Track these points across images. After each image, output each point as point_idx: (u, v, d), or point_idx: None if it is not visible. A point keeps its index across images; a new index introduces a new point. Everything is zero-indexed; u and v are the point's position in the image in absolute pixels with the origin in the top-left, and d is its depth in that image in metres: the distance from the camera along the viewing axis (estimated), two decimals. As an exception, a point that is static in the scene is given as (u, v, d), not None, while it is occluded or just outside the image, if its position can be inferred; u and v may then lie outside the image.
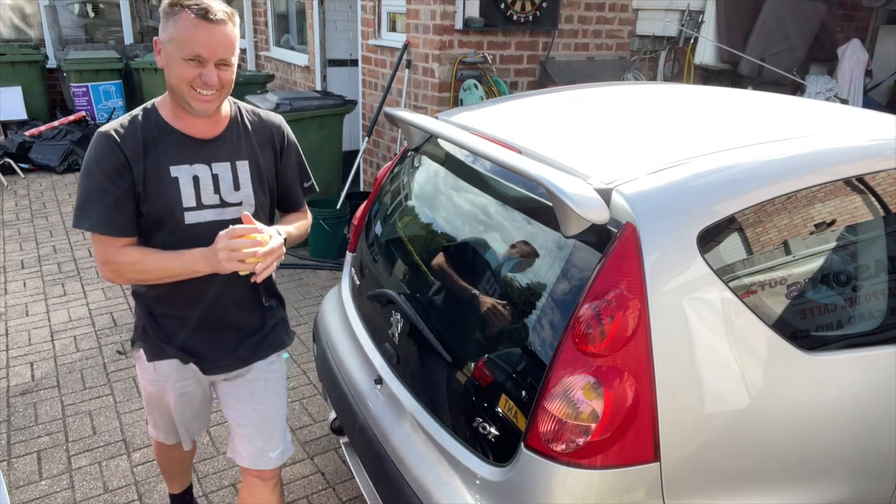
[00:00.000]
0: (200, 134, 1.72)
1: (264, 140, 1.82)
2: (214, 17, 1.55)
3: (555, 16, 4.79)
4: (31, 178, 6.66)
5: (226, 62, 1.60)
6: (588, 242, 1.52)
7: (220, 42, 1.57)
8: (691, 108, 2.21)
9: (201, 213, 1.71)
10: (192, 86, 1.59)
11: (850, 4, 5.71)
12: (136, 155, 1.64)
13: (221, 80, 1.60)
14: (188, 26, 1.54)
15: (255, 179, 1.78)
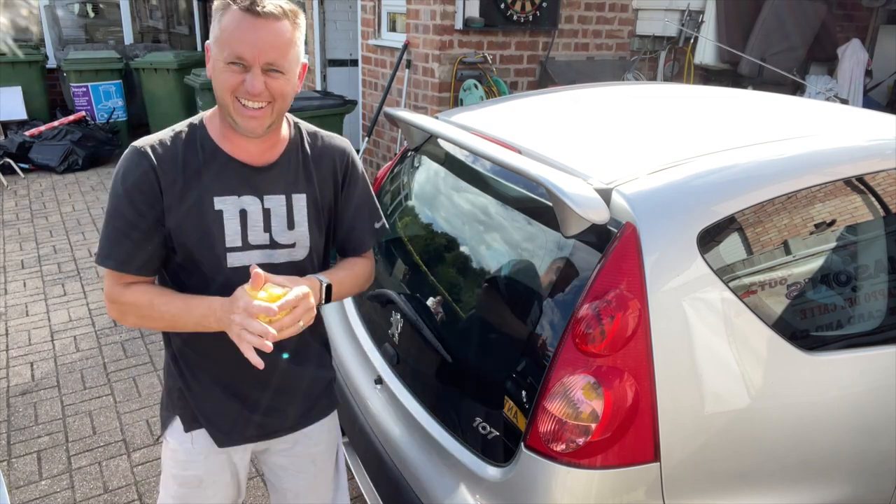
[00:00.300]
0: (252, 159, 1.41)
1: (325, 169, 1.50)
2: (262, 9, 1.25)
3: (555, 16, 4.79)
4: (31, 178, 6.66)
5: (276, 67, 1.29)
6: (588, 242, 1.52)
7: (268, 41, 1.26)
8: (691, 108, 2.21)
9: (247, 254, 1.42)
10: (235, 96, 1.30)
11: (850, 4, 5.71)
12: (173, 180, 1.36)
13: (270, 89, 1.30)
14: (232, 22, 1.27)
15: (313, 216, 1.48)
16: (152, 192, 1.35)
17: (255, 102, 1.30)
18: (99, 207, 5.88)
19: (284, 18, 1.29)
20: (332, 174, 1.51)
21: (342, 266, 1.55)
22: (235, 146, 1.40)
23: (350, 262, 1.58)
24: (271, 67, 1.29)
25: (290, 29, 1.30)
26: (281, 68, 1.30)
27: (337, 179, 1.52)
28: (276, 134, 1.43)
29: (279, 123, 1.40)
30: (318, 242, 1.51)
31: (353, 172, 1.55)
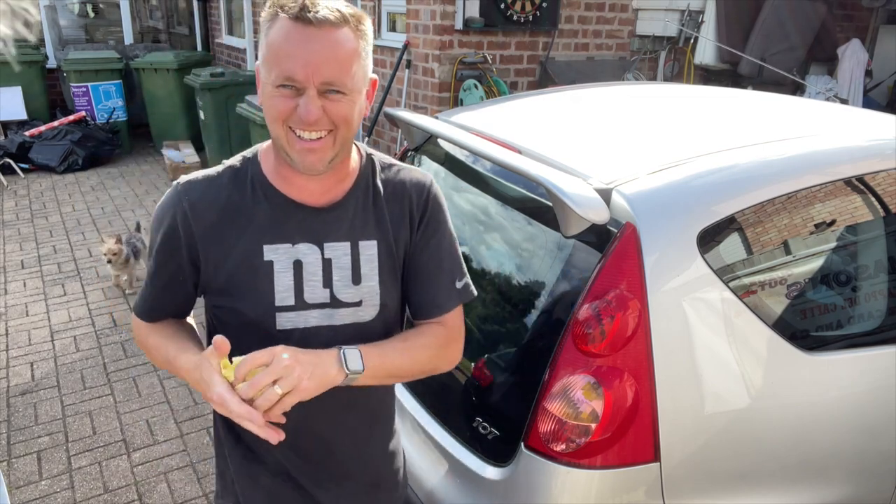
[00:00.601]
0: (311, 199, 1.17)
1: (399, 208, 1.22)
2: (315, 15, 1.01)
3: (555, 16, 4.79)
4: (31, 178, 6.66)
5: (336, 87, 1.04)
6: (588, 242, 1.52)
7: (324, 55, 1.02)
8: (691, 108, 2.21)
9: (302, 315, 1.17)
10: (288, 126, 1.06)
11: (850, 4, 5.71)
12: (212, 224, 1.15)
13: (330, 115, 1.05)
14: (279, 35, 1.03)
15: (385, 268, 1.21)
16: (177, 238, 1.15)
17: (312, 132, 1.06)
18: (99, 207, 5.88)
19: (344, 25, 1.04)
20: (408, 213, 1.22)
21: (400, 335, 1.24)
22: (291, 184, 1.16)
23: (415, 330, 1.25)
24: (330, 87, 1.04)
25: (351, 38, 1.05)
26: (342, 87, 1.04)
27: (413, 219, 1.22)
28: (342, 168, 1.17)
29: (345, 155, 1.14)
30: (392, 300, 1.23)
31: (433, 213, 1.24)
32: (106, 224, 5.50)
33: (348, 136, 1.11)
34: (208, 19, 9.51)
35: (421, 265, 1.24)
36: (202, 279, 1.18)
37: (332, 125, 1.07)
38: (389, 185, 1.23)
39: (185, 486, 2.65)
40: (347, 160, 1.18)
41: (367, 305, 1.20)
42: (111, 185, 6.57)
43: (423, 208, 1.24)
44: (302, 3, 1.02)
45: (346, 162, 1.18)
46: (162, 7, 10.25)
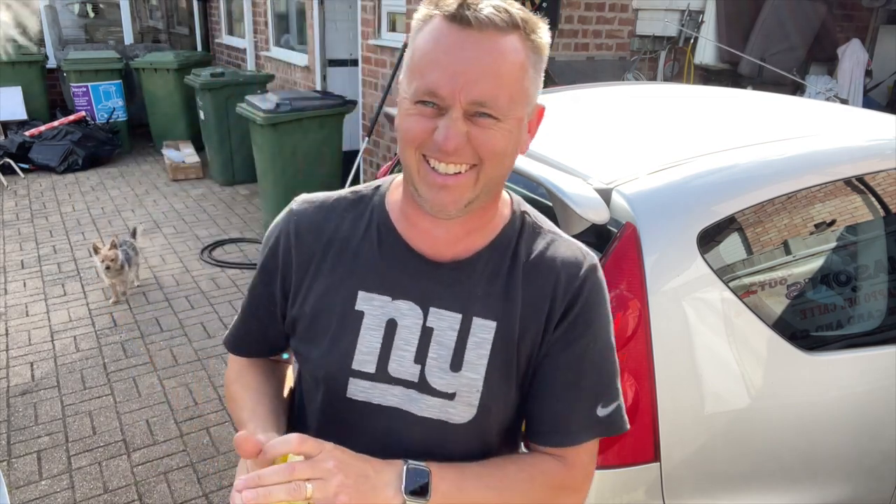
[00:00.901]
0: (431, 249, 0.95)
1: (540, 290, 0.94)
2: (477, 15, 0.80)
3: (555, 16, 4.79)
4: (31, 178, 6.66)
5: (488, 109, 0.81)
6: (588, 242, 1.51)
7: (479, 66, 0.80)
8: (691, 109, 2.21)
9: (380, 389, 0.94)
10: (421, 153, 0.86)
11: (850, 4, 5.71)
12: (312, 255, 0.98)
13: (476, 144, 0.83)
14: (430, 39, 0.83)
15: (499, 361, 0.93)
16: (275, 262, 1.01)
17: (450, 164, 0.84)
18: (99, 207, 5.88)
19: (512, 31, 0.82)
20: (549, 299, 0.93)
21: (497, 459, 0.94)
22: (414, 228, 0.95)
23: (522, 458, 0.96)
24: (480, 110, 0.81)
25: (519, 48, 0.82)
26: (496, 110, 0.82)
27: (554, 309, 0.93)
28: (480, 217, 0.93)
29: (487, 200, 0.91)
30: (498, 407, 0.95)
31: (586, 307, 0.93)
32: (106, 224, 5.50)
33: (496, 175, 0.87)
34: (208, 19, 9.51)
35: (552, 373, 0.94)
36: (288, 314, 1.01)
37: (477, 158, 0.84)
38: (536, 254, 0.95)
39: (185, 486, 2.65)
40: (491, 209, 0.94)
41: (460, 403, 0.93)
42: (111, 185, 6.57)
43: (573, 298, 0.93)
44: (464, 1, 0.81)
45: (488, 210, 0.94)
46: (162, 7, 10.25)
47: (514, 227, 0.98)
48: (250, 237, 5.30)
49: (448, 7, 0.82)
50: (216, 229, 5.46)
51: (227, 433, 2.96)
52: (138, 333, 3.79)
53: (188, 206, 6.04)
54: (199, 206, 6.02)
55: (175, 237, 5.27)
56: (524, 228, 0.98)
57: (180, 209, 5.93)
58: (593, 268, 0.96)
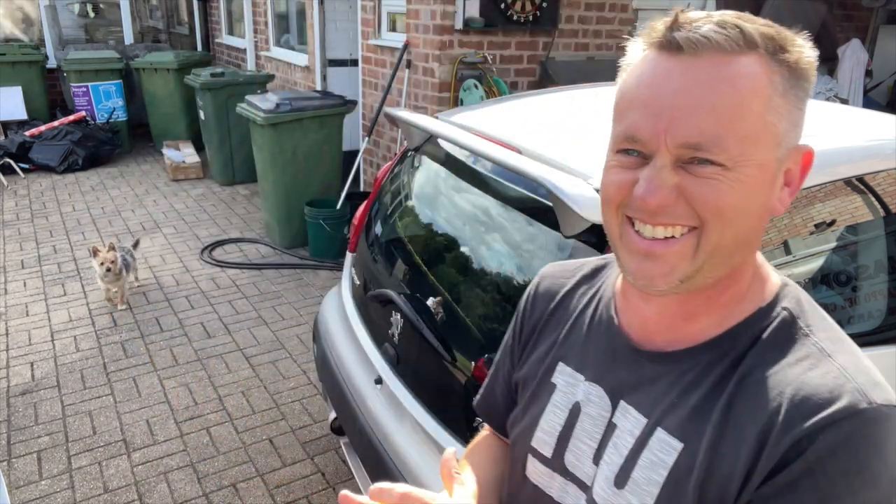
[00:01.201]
0: (640, 330, 0.78)
1: (753, 418, 0.65)
2: (689, 37, 0.64)
3: (555, 16, 4.79)
4: (31, 178, 6.66)
5: (705, 152, 0.63)
6: (588, 242, 1.52)
7: (690, 97, 0.63)
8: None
9: (557, 481, 0.82)
10: (624, 213, 0.70)
11: (850, 4, 5.71)
12: (541, 318, 0.91)
13: (693, 199, 0.64)
14: (633, 76, 0.70)
15: (675, 492, 0.68)
16: (517, 320, 0.96)
17: (657, 227, 0.67)
18: (99, 207, 5.88)
19: (743, 52, 0.64)
20: (761, 436, 0.64)
21: None
22: (627, 303, 0.80)
23: None
24: (697, 154, 0.63)
25: (755, 72, 0.64)
26: (718, 154, 0.63)
27: (768, 453, 0.63)
28: (710, 298, 0.72)
29: (719, 275, 0.69)
30: None
31: (822, 465, 0.61)
32: (106, 224, 5.51)
33: (726, 242, 0.66)
34: (208, 19, 9.51)
35: None
36: (513, 379, 0.93)
37: (697, 219, 0.65)
38: (772, 371, 0.67)
39: (185, 486, 2.65)
40: (728, 289, 0.71)
41: None
42: (111, 185, 6.57)
43: (800, 446, 0.62)
44: (673, 19, 0.65)
45: (722, 291, 0.71)
46: (162, 7, 10.25)
47: (760, 324, 0.71)
48: (250, 237, 5.31)
49: (657, 34, 0.66)
50: (216, 229, 5.46)
51: (227, 433, 2.96)
52: (138, 333, 3.79)
53: (188, 206, 6.04)
54: (199, 206, 6.02)
55: (175, 237, 5.27)
56: (776, 328, 0.71)
57: (180, 209, 5.93)
58: (851, 415, 0.62)
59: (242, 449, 2.87)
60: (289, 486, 2.67)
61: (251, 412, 3.12)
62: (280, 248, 5.10)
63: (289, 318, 4.02)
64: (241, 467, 2.76)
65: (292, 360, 3.56)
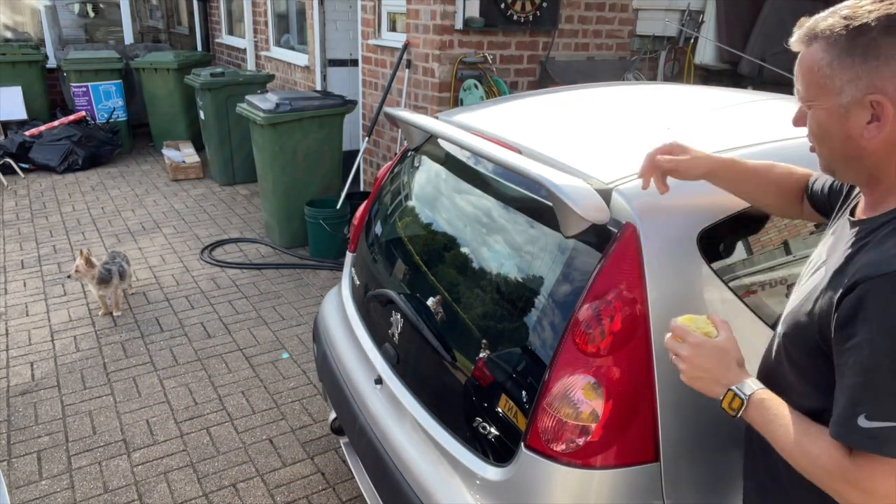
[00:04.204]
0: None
1: (841, 274, 1.01)
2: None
3: (555, 16, 4.79)
4: (31, 178, 6.66)
5: (805, 98, 1.10)
6: (588, 242, 1.52)
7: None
8: (691, 108, 2.21)
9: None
10: None
11: (850, 4, 5.71)
12: None
13: (812, 129, 1.09)
14: None
15: (805, 315, 1.08)
16: None
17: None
18: (99, 207, 5.88)
19: (815, 38, 1.08)
20: (838, 287, 0.99)
21: (806, 422, 1.04)
22: None
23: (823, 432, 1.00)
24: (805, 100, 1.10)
25: (816, 49, 1.07)
26: (806, 102, 1.10)
27: (832, 304, 0.99)
28: (865, 192, 1.09)
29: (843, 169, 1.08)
30: (798, 355, 1.11)
31: (856, 311, 0.94)
32: (106, 224, 5.51)
33: (828, 153, 1.08)
34: (208, 19, 9.51)
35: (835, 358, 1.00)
36: None
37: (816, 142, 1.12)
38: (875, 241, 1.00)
39: (185, 486, 2.65)
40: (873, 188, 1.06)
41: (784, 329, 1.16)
42: (111, 185, 6.57)
43: (853, 305, 0.94)
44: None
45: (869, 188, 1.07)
46: (162, 7, 10.25)
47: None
48: (250, 237, 5.31)
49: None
50: (216, 229, 5.46)
51: (227, 433, 2.96)
52: (138, 333, 3.79)
53: (188, 206, 6.04)
54: (199, 206, 6.02)
55: (175, 237, 5.27)
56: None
57: (180, 209, 5.93)
58: (893, 276, 0.90)
59: (242, 449, 2.87)
60: (289, 486, 2.67)
61: (251, 412, 3.12)
62: (280, 248, 5.10)
63: (289, 318, 4.02)
64: (241, 467, 2.76)
65: (292, 360, 3.56)
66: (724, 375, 1.14)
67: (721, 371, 1.14)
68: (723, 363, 1.15)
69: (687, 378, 1.17)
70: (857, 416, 0.92)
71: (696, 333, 1.18)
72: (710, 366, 1.14)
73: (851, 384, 0.94)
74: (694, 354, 1.15)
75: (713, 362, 1.14)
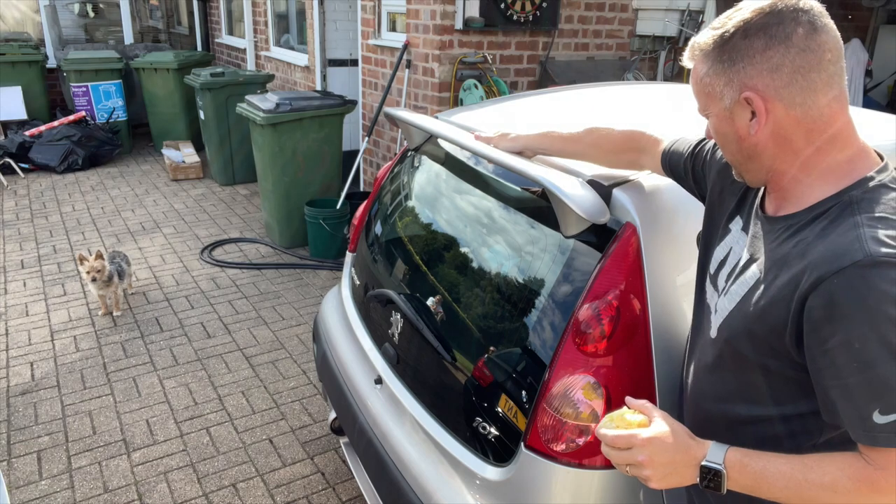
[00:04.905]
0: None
1: (786, 274, 0.99)
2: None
3: (555, 16, 4.79)
4: (31, 178, 6.66)
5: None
6: (588, 242, 1.52)
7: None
8: (691, 108, 2.21)
9: (714, 295, 1.23)
10: None
11: (850, 4, 5.71)
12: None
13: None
14: None
15: (746, 308, 1.06)
16: None
17: None
18: (99, 207, 5.89)
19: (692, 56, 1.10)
20: (791, 289, 0.97)
21: (798, 457, 1.00)
22: None
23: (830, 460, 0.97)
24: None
25: (698, 66, 1.08)
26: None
27: (795, 299, 0.95)
28: (773, 181, 1.08)
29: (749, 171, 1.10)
30: (743, 347, 1.06)
31: (828, 314, 0.91)
32: (106, 224, 5.51)
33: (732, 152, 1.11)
34: (208, 19, 9.51)
35: (813, 369, 0.96)
36: None
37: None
38: (815, 231, 0.99)
39: (185, 486, 2.65)
40: (769, 177, 1.08)
41: (716, 318, 1.14)
42: (111, 185, 6.57)
43: (818, 307, 0.92)
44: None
45: (771, 178, 1.08)
46: (162, 7, 10.25)
47: (838, 202, 1.00)
48: (250, 237, 5.31)
49: None
50: (216, 229, 5.46)
51: (227, 433, 2.96)
52: (138, 333, 3.79)
53: (188, 206, 6.04)
54: (199, 206, 6.02)
55: (175, 237, 5.27)
56: (850, 195, 1.00)
57: (180, 209, 5.94)
58: (854, 264, 0.89)
59: (242, 449, 2.87)
60: (289, 486, 2.67)
61: (251, 412, 3.12)
62: (280, 248, 5.10)
63: (289, 318, 4.02)
64: (241, 467, 2.76)
65: (292, 360, 3.56)
66: (688, 455, 1.03)
67: (683, 453, 1.03)
68: (680, 444, 1.04)
69: (658, 482, 1.03)
70: (871, 413, 0.90)
71: (635, 431, 1.04)
72: (671, 454, 1.03)
73: (853, 384, 0.91)
74: (651, 452, 1.03)
75: (672, 448, 1.03)
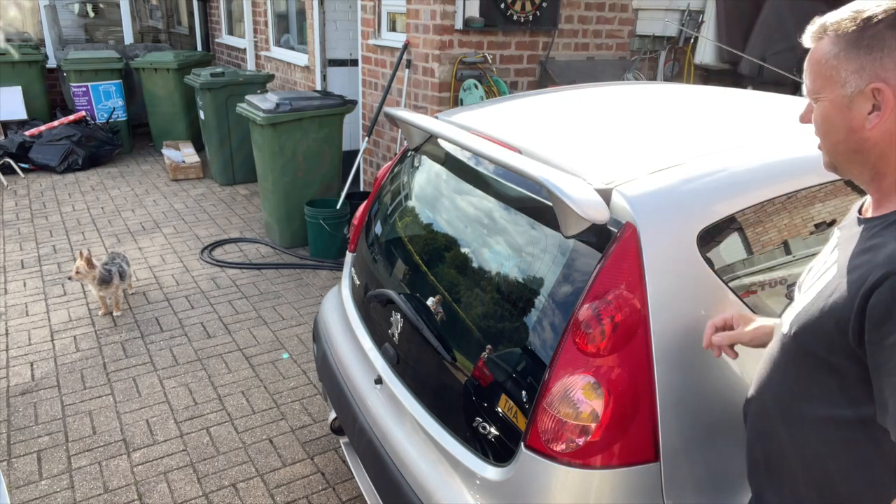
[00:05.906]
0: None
1: (855, 277, 1.01)
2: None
3: (555, 16, 4.79)
4: (31, 178, 6.66)
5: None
6: (588, 242, 1.52)
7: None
8: (691, 108, 2.21)
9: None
10: None
11: (850, 4, 5.71)
12: None
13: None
14: None
15: (822, 307, 1.06)
16: None
17: None
18: (99, 207, 5.88)
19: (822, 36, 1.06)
20: (858, 285, 0.98)
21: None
22: None
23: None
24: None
25: (821, 46, 1.06)
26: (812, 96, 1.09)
27: (854, 303, 0.98)
28: (870, 183, 1.09)
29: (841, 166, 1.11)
30: (805, 334, 1.08)
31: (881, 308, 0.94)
32: (106, 224, 5.51)
33: (829, 148, 1.10)
34: (208, 19, 9.51)
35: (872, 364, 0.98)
36: None
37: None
38: (880, 236, 1.02)
39: (185, 486, 2.65)
40: (862, 178, 1.09)
41: (790, 313, 1.16)
42: (111, 185, 6.57)
43: (876, 306, 0.94)
44: None
45: (864, 179, 1.09)
46: (162, 7, 10.25)
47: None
48: (250, 237, 5.31)
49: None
50: (216, 229, 5.46)
51: (227, 433, 2.96)
52: (138, 333, 3.79)
53: (188, 206, 6.04)
54: (199, 206, 6.02)
55: (175, 237, 5.27)
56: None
57: (180, 209, 5.93)
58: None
59: (242, 449, 2.87)
60: (289, 486, 2.67)
61: (251, 412, 3.12)
62: (280, 248, 5.10)
63: (289, 318, 4.02)
64: (241, 467, 2.76)
65: (292, 360, 3.56)
66: None
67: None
68: None
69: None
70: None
71: None
72: None
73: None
74: None
75: None
